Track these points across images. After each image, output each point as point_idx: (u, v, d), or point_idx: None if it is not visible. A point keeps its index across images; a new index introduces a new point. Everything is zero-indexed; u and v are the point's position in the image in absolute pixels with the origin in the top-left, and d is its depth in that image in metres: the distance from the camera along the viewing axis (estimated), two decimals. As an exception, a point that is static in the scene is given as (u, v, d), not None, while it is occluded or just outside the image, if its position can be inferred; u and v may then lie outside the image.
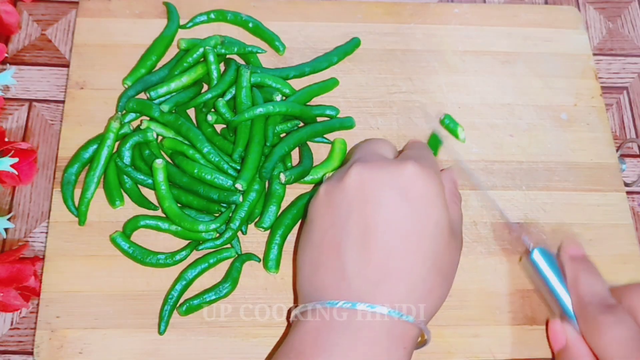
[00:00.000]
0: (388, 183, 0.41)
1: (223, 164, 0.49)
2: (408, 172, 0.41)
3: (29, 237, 0.50)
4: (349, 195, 0.41)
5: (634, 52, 0.62)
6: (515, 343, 0.48)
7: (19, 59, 0.56)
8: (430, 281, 0.40)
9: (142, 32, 0.56)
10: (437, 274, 0.40)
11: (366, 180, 0.41)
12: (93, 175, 0.49)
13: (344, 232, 0.41)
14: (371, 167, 0.42)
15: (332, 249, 0.41)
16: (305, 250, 0.43)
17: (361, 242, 0.40)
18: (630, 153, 0.57)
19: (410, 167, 0.41)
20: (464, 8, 0.60)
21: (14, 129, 0.53)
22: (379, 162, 0.43)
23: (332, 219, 0.42)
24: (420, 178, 0.41)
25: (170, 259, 0.48)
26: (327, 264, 0.41)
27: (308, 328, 0.39)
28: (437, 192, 0.42)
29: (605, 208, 0.53)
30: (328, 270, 0.41)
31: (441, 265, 0.41)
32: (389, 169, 0.42)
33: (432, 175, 0.42)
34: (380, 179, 0.41)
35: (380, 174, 0.42)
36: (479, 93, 0.57)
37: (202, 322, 0.47)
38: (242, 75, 0.51)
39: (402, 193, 0.41)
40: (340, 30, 0.58)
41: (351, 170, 0.42)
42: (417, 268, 0.40)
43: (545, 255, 0.46)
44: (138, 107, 0.51)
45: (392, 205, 0.40)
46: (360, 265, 0.39)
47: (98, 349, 0.45)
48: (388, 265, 0.39)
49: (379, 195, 0.41)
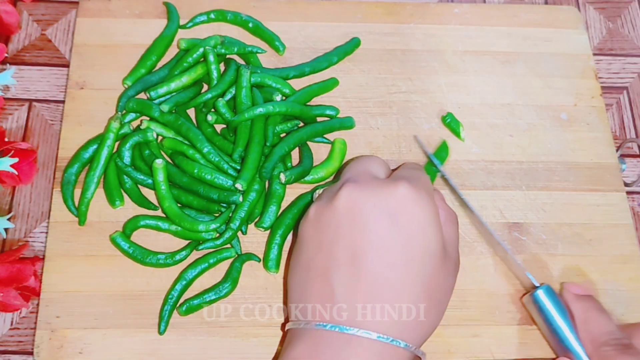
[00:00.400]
0: (378, 205, 0.40)
1: (223, 164, 0.49)
2: (399, 194, 0.40)
3: (29, 237, 0.50)
4: (338, 217, 0.40)
5: (634, 52, 0.62)
6: (515, 343, 0.48)
7: (19, 59, 0.56)
8: (421, 308, 0.39)
9: (142, 32, 0.56)
10: (428, 300, 0.40)
11: (356, 202, 0.40)
12: (93, 175, 0.49)
13: (332, 256, 0.40)
14: (362, 188, 0.41)
15: (320, 273, 0.40)
16: (295, 272, 0.43)
17: (349, 267, 0.39)
18: (630, 153, 0.57)
19: (402, 189, 0.40)
20: (463, 8, 0.60)
21: (14, 129, 0.53)
22: (370, 182, 0.42)
23: (321, 242, 0.41)
24: (412, 200, 0.40)
25: (170, 259, 0.48)
26: (316, 287, 0.40)
27: (299, 349, 0.39)
28: (430, 215, 0.40)
29: (605, 208, 0.53)
30: (316, 294, 0.40)
31: (432, 291, 0.40)
32: (379, 190, 0.41)
33: (425, 197, 0.41)
34: (370, 201, 0.40)
35: (370, 196, 0.40)
36: (479, 93, 0.57)
37: (202, 322, 0.47)
38: (242, 75, 0.51)
39: (392, 216, 0.40)
40: (340, 30, 0.58)
41: (341, 192, 0.41)
42: (405, 295, 0.39)
43: (549, 294, 0.45)
44: (138, 107, 0.51)
45: (382, 229, 0.39)
46: (349, 290, 0.39)
47: (98, 349, 0.45)
48: (377, 292, 0.39)
49: (368, 218, 0.40)
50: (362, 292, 0.39)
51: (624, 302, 0.50)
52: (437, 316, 0.41)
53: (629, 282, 0.50)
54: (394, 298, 0.39)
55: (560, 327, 0.45)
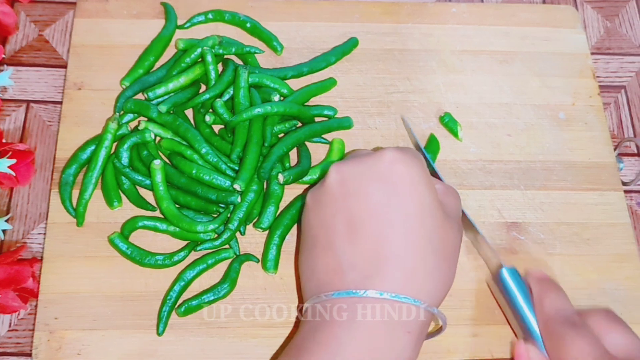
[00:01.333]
0: (367, 173, 0.41)
1: (221, 165, 0.49)
2: (387, 158, 0.41)
3: (27, 238, 0.50)
4: (332, 194, 0.42)
5: (632, 51, 0.62)
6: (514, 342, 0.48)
7: (16, 60, 0.56)
8: (428, 262, 0.40)
9: (139, 33, 0.56)
10: (434, 255, 0.40)
11: (346, 175, 0.42)
12: (91, 176, 0.49)
13: (333, 229, 0.41)
14: (349, 163, 0.42)
15: (325, 248, 0.41)
16: (302, 257, 0.44)
17: (350, 235, 0.40)
18: (627, 152, 0.58)
19: (388, 153, 0.42)
20: (461, 7, 0.60)
21: (11, 130, 0.53)
22: (356, 157, 0.43)
23: (321, 221, 0.42)
24: (400, 162, 0.41)
25: (168, 259, 0.48)
26: (322, 263, 0.41)
27: (309, 325, 0.40)
28: (419, 173, 0.41)
29: (603, 207, 0.53)
30: (324, 268, 0.41)
31: (437, 246, 0.40)
32: (367, 160, 0.42)
33: (413, 158, 0.42)
34: (359, 171, 0.42)
35: (358, 167, 0.42)
36: (476, 92, 0.57)
37: (201, 322, 0.47)
38: (240, 76, 0.51)
39: (382, 180, 0.41)
40: (338, 30, 0.58)
41: (331, 171, 0.43)
42: (409, 251, 0.39)
43: (513, 276, 0.46)
44: (136, 108, 0.51)
45: (374, 193, 0.40)
46: (353, 257, 0.40)
47: (96, 350, 0.45)
48: (380, 253, 0.39)
49: (360, 186, 0.41)
50: (366, 256, 0.39)
51: (622, 301, 0.50)
52: (448, 273, 0.41)
53: (627, 281, 0.50)
54: (398, 255, 0.39)
55: (521, 306, 0.45)
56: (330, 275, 0.40)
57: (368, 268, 0.39)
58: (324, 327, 0.39)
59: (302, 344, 0.39)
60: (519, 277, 0.46)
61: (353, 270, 0.39)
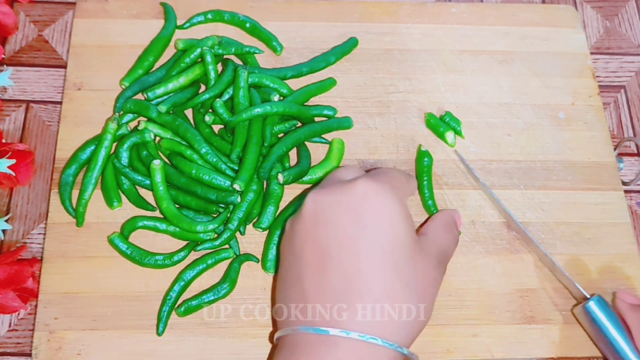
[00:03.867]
0: (340, 204, 0.40)
1: (221, 165, 0.49)
2: (358, 190, 0.40)
3: (26, 238, 0.50)
4: (305, 223, 0.41)
5: (632, 51, 0.62)
6: (514, 342, 0.48)
7: (16, 60, 0.56)
8: (397, 298, 0.38)
9: (139, 33, 0.56)
10: (403, 291, 0.38)
11: (319, 205, 0.41)
12: (91, 176, 0.49)
13: (303, 260, 0.40)
14: (324, 193, 0.41)
15: (294, 279, 0.40)
16: (277, 284, 0.43)
17: (318, 267, 0.39)
18: (627, 152, 0.58)
19: (360, 184, 0.40)
20: (461, 7, 0.60)
21: (11, 130, 0.53)
22: (332, 186, 0.42)
23: (294, 251, 0.41)
24: (373, 194, 0.40)
25: (168, 259, 0.48)
26: (292, 294, 0.40)
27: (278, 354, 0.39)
28: (393, 205, 0.40)
29: (603, 207, 0.53)
30: (293, 300, 0.40)
31: (409, 281, 0.39)
32: (340, 190, 0.41)
33: (387, 189, 0.40)
34: (332, 202, 0.41)
35: (332, 197, 0.41)
36: (476, 92, 0.57)
37: (201, 322, 0.47)
38: (239, 76, 0.51)
39: (354, 212, 0.40)
40: (338, 30, 0.58)
41: (307, 199, 0.42)
42: (378, 288, 0.38)
43: (601, 305, 0.45)
44: (135, 108, 0.51)
45: (345, 225, 0.39)
46: (320, 291, 0.39)
47: (96, 350, 0.45)
48: (347, 287, 0.38)
49: (330, 218, 0.40)
50: (334, 289, 0.38)
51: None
52: (421, 310, 0.39)
53: (627, 281, 0.50)
54: (366, 291, 0.38)
55: (615, 338, 0.44)
56: (299, 308, 0.39)
57: (335, 302, 0.38)
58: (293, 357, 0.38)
59: None
60: (606, 305, 0.46)
61: (320, 304, 0.38)
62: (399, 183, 0.43)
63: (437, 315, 0.46)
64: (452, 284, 0.49)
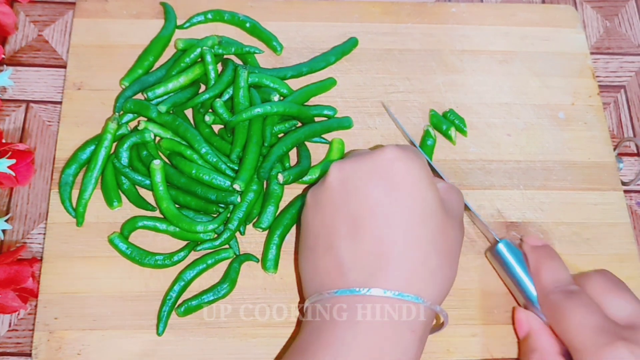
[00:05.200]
0: (368, 172, 0.41)
1: (221, 165, 0.49)
2: (387, 156, 0.41)
3: (26, 238, 0.50)
4: (333, 193, 0.42)
5: (631, 51, 0.62)
6: (514, 342, 0.48)
7: (15, 60, 0.56)
8: (430, 261, 0.39)
9: (139, 33, 0.56)
10: (436, 253, 0.40)
11: (347, 174, 0.42)
12: (91, 176, 0.49)
13: (334, 229, 0.41)
14: (350, 162, 0.42)
15: (326, 249, 0.41)
16: (303, 257, 0.43)
17: (352, 235, 0.40)
18: (627, 152, 0.58)
19: (388, 151, 0.41)
20: (461, 7, 0.60)
21: (11, 130, 0.53)
22: (357, 155, 0.43)
23: (322, 220, 0.42)
24: (401, 161, 0.41)
25: (168, 259, 0.48)
26: (324, 263, 0.41)
27: (310, 327, 0.40)
28: (420, 171, 0.41)
29: (603, 207, 0.53)
30: (325, 268, 0.41)
31: (439, 244, 0.40)
32: (367, 158, 0.42)
33: (413, 156, 0.42)
34: (360, 170, 0.41)
35: (359, 165, 0.42)
36: (476, 92, 0.57)
37: (201, 322, 0.47)
38: (239, 76, 0.51)
39: (383, 178, 0.41)
40: (338, 30, 0.58)
41: (331, 169, 0.42)
42: (412, 250, 0.39)
43: (509, 247, 0.47)
44: (135, 108, 0.51)
45: (375, 192, 0.40)
46: (355, 257, 0.40)
47: (96, 350, 0.45)
48: (382, 252, 0.39)
49: (361, 185, 0.41)
50: (368, 256, 0.39)
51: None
52: (449, 271, 0.41)
53: (627, 281, 0.50)
54: (400, 254, 0.39)
55: (519, 276, 0.46)
56: (332, 274, 0.40)
57: (370, 267, 0.39)
58: (326, 328, 0.38)
59: (305, 346, 0.39)
60: (514, 248, 0.47)
61: (355, 269, 0.39)
62: (419, 153, 0.44)
63: (437, 315, 0.46)
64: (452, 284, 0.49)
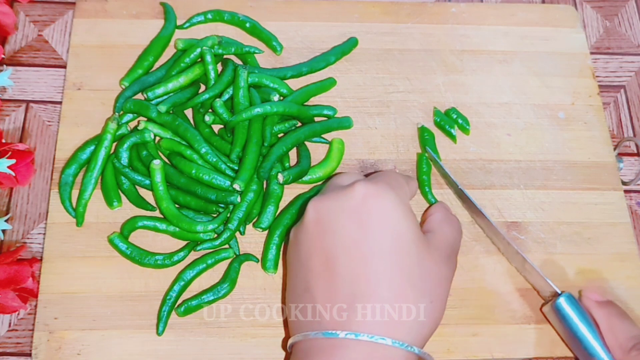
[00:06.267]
0: (340, 209, 0.41)
1: (221, 165, 0.49)
2: (357, 193, 0.41)
3: (26, 238, 0.50)
4: (309, 232, 0.41)
5: (631, 51, 0.62)
6: (514, 342, 0.48)
7: (15, 60, 0.56)
8: (406, 299, 0.38)
9: (139, 33, 0.56)
10: (412, 290, 0.39)
11: (321, 212, 0.41)
12: (90, 176, 0.49)
13: (310, 269, 0.40)
14: (324, 199, 0.42)
15: (303, 288, 0.41)
16: (287, 294, 0.43)
17: (325, 274, 0.40)
18: (627, 152, 0.58)
19: (358, 187, 0.41)
20: (461, 7, 0.60)
21: (11, 130, 0.53)
22: (332, 192, 0.42)
23: (299, 260, 0.42)
24: (372, 196, 0.40)
25: (168, 259, 0.47)
26: (303, 303, 0.41)
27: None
28: (393, 206, 0.40)
29: (603, 207, 0.53)
30: (304, 310, 0.40)
31: (416, 280, 0.39)
32: (340, 195, 0.41)
33: (386, 190, 0.41)
34: (333, 207, 0.41)
35: (332, 203, 0.41)
36: (476, 92, 0.57)
37: (201, 322, 0.47)
38: (239, 76, 0.51)
39: (354, 215, 0.40)
40: (338, 30, 0.58)
41: (308, 208, 0.42)
42: (386, 288, 0.38)
43: (571, 302, 0.45)
44: (135, 108, 0.51)
45: (348, 230, 0.40)
46: (329, 298, 0.39)
47: (96, 350, 0.45)
48: (356, 291, 0.38)
49: (334, 224, 0.40)
50: (342, 294, 0.38)
51: (622, 300, 0.49)
52: (431, 308, 0.39)
53: (627, 280, 0.50)
54: (374, 293, 0.38)
55: (585, 335, 0.44)
56: (309, 315, 0.40)
57: (343, 308, 0.38)
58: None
59: None
60: (575, 302, 0.45)
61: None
62: (397, 183, 0.43)
63: (437, 315, 0.46)
64: (452, 284, 0.48)
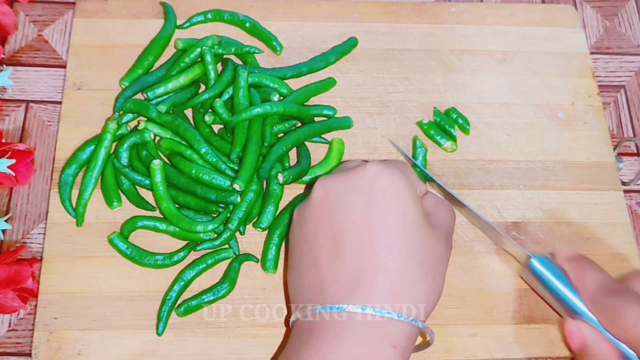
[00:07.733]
0: (350, 187, 0.41)
1: (221, 165, 0.49)
2: (369, 172, 0.41)
3: (26, 238, 0.50)
4: (316, 209, 0.42)
5: (631, 51, 0.62)
6: (513, 342, 0.48)
7: (15, 60, 0.56)
8: (411, 274, 0.39)
9: (139, 33, 0.56)
10: (418, 266, 0.39)
11: (329, 190, 0.42)
12: (90, 176, 0.49)
13: (317, 245, 0.41)
14: (333, 178, 0.42)
15: (309, 264, 0.41)
16: (290, 272, 0.44)
17: (333, 250, 0.40)
18: (627, 152, 0.58)
19: (371, 167, 0.41)
20: (461, 7, 0.60)
21: (11, 130, 0.53)
22: (340, 172, 0.43)
23: (306, 237, 0.42)
24: (383, 176, 0.41)
25: (168, 259, 0.48)
26: (307, 278, 0.41)
27: (295, 341, 0.40)
28: (402, 186, 0.41)
29: (603, 207, 0.53)
30: (308, 285, 0.41)
31: (422, 257, 0.40)
32: (350, 174, 0.42)
33: (396, 172, 0.42)
34: (342, 185, 0.41)
35: (342, 181, 0.42)
36: (476, 92, 0.57)
37: (201, 322, 0.47)
38: (239, 76, 0.51)
39: (364, 193, 0.41)
40: (338, 29, 0.58)
41: (315, 186, 0.43)
42: (392, 263, 0.39)
43: (543, 262, 0.46)
44: (135, 108, 0.51)
45: (356, 206, 0.40)
46: (335, 272, 0.39)
47: (96, 350, 0.45)
48: (362, 266, 0.39)
49: (342, 201, 0.41)
50: (349, 271, 0.39)
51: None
52: (433, 285, 0.40)
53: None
54: (381, 268, 0.39)
55: (562, 292, 0.45)
56: (315, 290, 0.40)
57: (350, 282, 0.39)
58: (309, 342, 0.38)
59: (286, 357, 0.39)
60: (550, 264, 0.46)
61: (336, 285, 0.39)
62: (408, 169, 0.44)
63: (437, 315, 0.46)
64: (452, 284, 0.49)
